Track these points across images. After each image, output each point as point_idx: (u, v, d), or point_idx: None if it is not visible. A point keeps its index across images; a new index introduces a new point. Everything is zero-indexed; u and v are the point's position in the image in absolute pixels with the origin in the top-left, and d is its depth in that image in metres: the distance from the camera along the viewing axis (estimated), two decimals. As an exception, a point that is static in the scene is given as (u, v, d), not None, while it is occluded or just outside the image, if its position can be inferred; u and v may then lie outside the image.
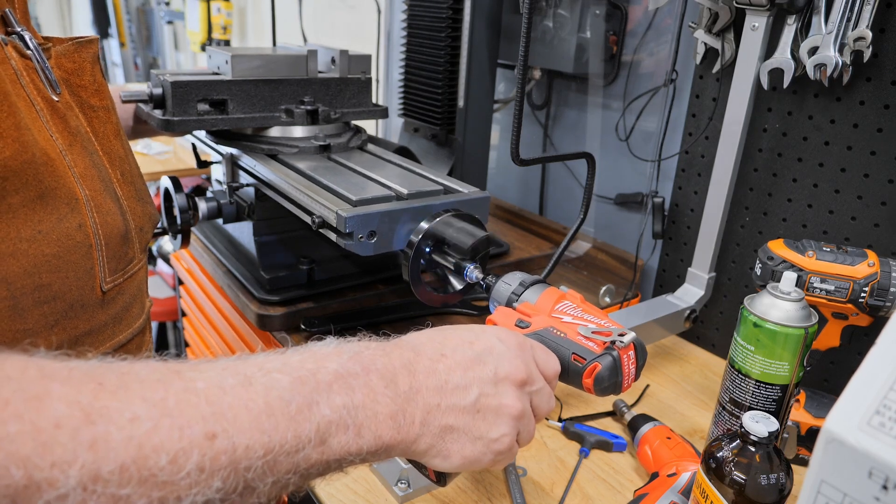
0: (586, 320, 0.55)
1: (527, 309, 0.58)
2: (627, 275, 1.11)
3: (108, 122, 0.60)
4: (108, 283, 0.55)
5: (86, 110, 0.57)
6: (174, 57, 2.86)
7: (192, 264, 1.15)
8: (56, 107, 0.53)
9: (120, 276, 0.57)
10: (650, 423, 0.76)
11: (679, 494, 0.65)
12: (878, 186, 0.82)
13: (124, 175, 0.60)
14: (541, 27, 1.11)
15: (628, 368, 0.52)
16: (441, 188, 0.81)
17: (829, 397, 0.79)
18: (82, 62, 0.58)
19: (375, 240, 0.72)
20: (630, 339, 0.53)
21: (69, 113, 0.54)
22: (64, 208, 0.50)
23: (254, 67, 0.89)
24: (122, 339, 0.58)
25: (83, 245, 0.51)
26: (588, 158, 0.89)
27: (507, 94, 1.33)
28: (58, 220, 0.49)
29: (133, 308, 0.60)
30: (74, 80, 0.57)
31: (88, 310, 0.53)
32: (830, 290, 0.72)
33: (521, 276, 0.63)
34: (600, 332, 0.53)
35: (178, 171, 2.00)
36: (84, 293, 0.52)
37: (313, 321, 0.87)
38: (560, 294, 0.58)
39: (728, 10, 0.88)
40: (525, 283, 0.62)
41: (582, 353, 0.53)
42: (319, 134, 0.94)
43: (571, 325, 0.54)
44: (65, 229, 0.50)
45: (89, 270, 0.52)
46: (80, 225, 0.51)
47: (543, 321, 0.56)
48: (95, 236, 0.53)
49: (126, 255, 0.58)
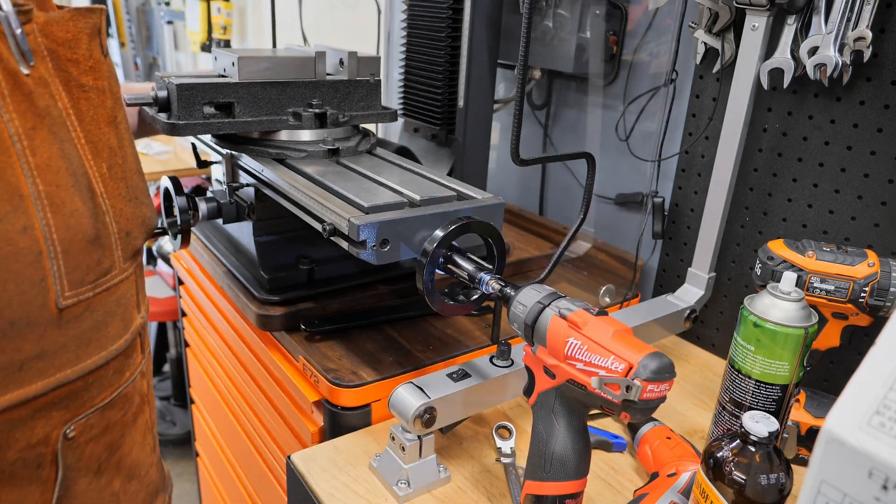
0: (594, 365, 0.52)
1: (544, 355, 0.57)
2: (627, 275, 1.11)
3: (100, 105, 0.51)
4: (69, 299, 0.47)
5: (73, 89, 0.49)
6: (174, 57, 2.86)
7: (192, 264, 1.15)
8: (21, 81, 0.45)
9: (88, 289, 0.48)
10: (650, 423, 0.76)
11: (679, 494, 0.65)
12: (878, 186, 0.82)
13: (112, 170, 0.52)
14: (541, 27, 1.11)
15: (657, 393, 0.50)
16: (454, 194, 0.79)
17: (829, 397, 0.79)
18: (78, 33, 0.49)
19: (388, 248, 0.70)
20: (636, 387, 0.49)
21: (39, 90, 0.46)
22: (5, 206, 0.42)
23: (261, 69, 0.88)
24: (90, 365, 0.50)
25: (29, 252, 0.44)
26: (588, 158, 0.89)
27: (507, 94, 1.33)
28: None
29: (110, 327, 0.51)
30: (65, 53, 0.49)
31: (37, 329, 0.45)
32: (830, 290, 0.72)
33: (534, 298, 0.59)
34: (610, 384, 0.51)
35: (178, 171, 2.00)
36: (31, 309, 0.44)
37: (313, 321, 0.87)
38: (565, 330, 0.55)
39: (728, 10, 0.88)
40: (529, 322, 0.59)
41: (609, 405, 0.52)
42: (328, 137, 0.92)
43: (586, 373, 0.53)
44: (3, 233, 0.42)
45: (39, 283, 0.44)
46: (24, 227, 0.43)
47: (563, 372, 0.55)
48: (47, 241, 0.45)
49: (99, 264, 0.49)
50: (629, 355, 0.51)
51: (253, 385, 1.01)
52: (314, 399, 0.82)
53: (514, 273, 1.11)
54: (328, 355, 0.83)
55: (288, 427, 0.91)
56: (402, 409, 0.68)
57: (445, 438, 0.79)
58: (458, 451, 0.78)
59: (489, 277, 0.66)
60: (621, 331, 0.53)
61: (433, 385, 0.70)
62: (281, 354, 0.90)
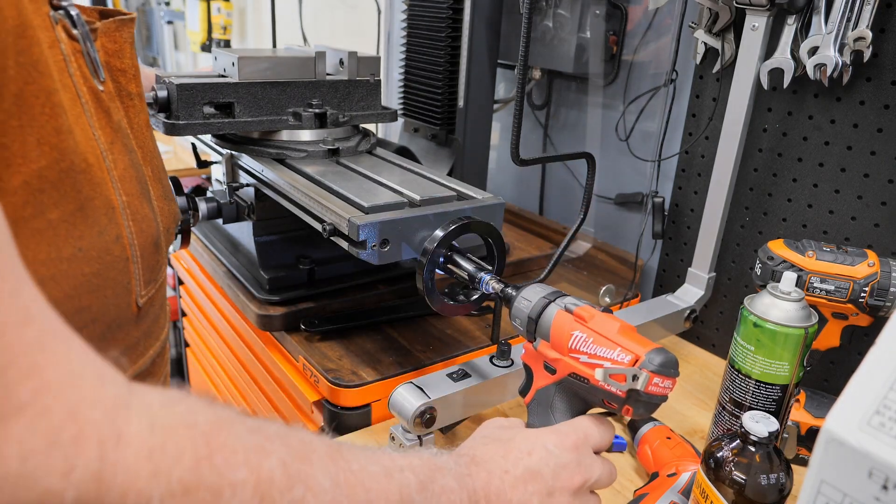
0: (600, 357, 0.52)
1: (545, 349, 0.56)
2: (627, 275, 1.11)
3: (142, 111, 0.54)
4: (143, 297, 0.50)
5: (124, 99, 0.51)
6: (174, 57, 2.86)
7: (192, 264, 1.15)
8: (100, 98, 0.47)
9: (152, 286, 0.52)
10: (650, 423, 0.76)
11: (679, 494, 0.65)
12: (878, 186, 0.82)
13: (154, 171, 0.55)
14: (541, 27, 1.11)
15: (661, 389, 0.50)
16: (454, 194, 0.79)
17: (829, 397, 0.79)
18: (123, 43, 0.51)
19: (388, 248, 0.70)
20: (643, 378, 0.49)
21: (112, 105, 0.49)
22: (103, 220, 0.45)
23: (261, 70, 0.88)
24: (152, 354, 0.54)
25: (121, 259, 0.46)
26: (588, 158, 0.89)
27: (507, 94, 1.33)
28: (98, 234, 0.44)
29: (160, 318, 0.55)
30: (115, 64, 0.50)
31: (125, 328, 0.49)
32: (830, 290, 0.72)
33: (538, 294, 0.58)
34: (615, 374, 0.50)
35: (178, 171, 2.00)
36: (121, 311, 0.48)
37: (313, 321, 0.87)
38: (570, 323, 0.54)
39: (728, 10, 0.88)
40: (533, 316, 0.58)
41: (611, 399, 0.51)
42: (328, 137, 0.92)
43: (589, 366, 0.52)
44: (104, 244, 0.45)
45: (126, 286, 0.47)
46: (117, 237, 0.46)
47: (565, 366, 0.54)
48: (132, 248, 0.48)
49: (157, 262, 0.53)
50: (635, 348, 0.50)
51: (253, 385, 1.01)
52: (314, 399, 0.82)
53: (514, 273, 1.11)
54: (328, 355, 0.83)
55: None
56: (402, 409, 0.68)
57: (445, 438, 0.79)
58: (458, 451, 0.78)
59: (489, 277, 0.66)
60: (627, 327, 0.53)
61: (433, 385, 0.70)
62: (281, 354, 0.90)
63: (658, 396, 0.50)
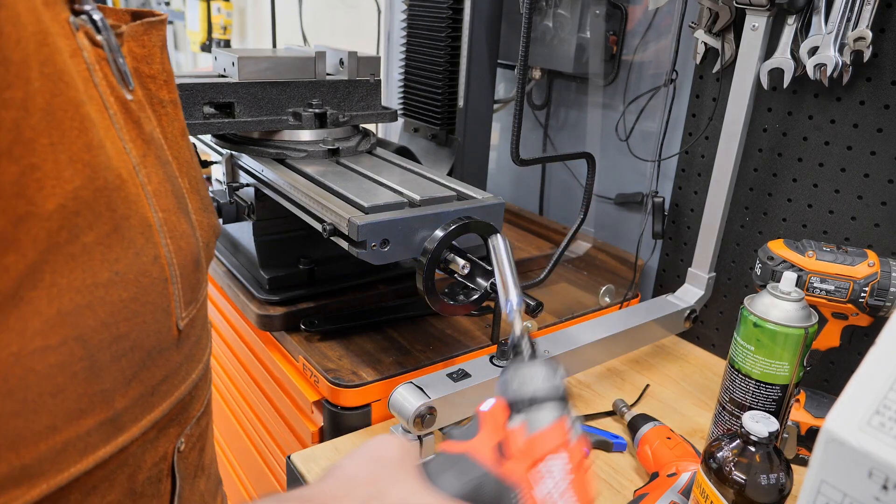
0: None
1: (517, 438, 0.42)
2: (627, 275, 1.11)
3: (176, 119, 0.50)
4: (184, 320, 0.47)
5: (156, 107, 0.48)
6: (174, 57, 2.86)
7: (192, 264, 1.15)
8: (130, 108, 0.44)
9: (193, 307, 0.48)
10: (650, 423, 0.76)
11: (679, 494, 0.65)
12: (878, 186, 0.82)
13: (192, 183, 0.51)
14: (541, 27, 1.11)
15: None
16: (454, 194, 0.79)
17: (829, 397, 0.79)
18: (152, 47, 0.47)
19: (388, 248, 0.70)
20: None
21: (143, 114, 0.45)
22: (139, 239, 0.41)
23: (261, 70, 0.88)
24: (195, 378, 0.50)
25: (159, 281, 0.43)
26: (588, 158, 0.89)
27: (507, 94, 1.33)
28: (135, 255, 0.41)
29: (202, 339, 0.52)
30: (144, 70, 0.47)
31: (165, 354, 0.45)
32: (830, 290, 0.72)
33: (554, 384, 0.43)
34: None
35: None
36: (161, 337, 0.44)
37: (313, 321, 0.87)
38: (562, 442, 0.42)
39: (728, 10, 0.88)
40: (540, 399, 0.43)
41: None
42: (328, 137, 0.93)
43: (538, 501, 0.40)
44: (141, 265, 0.41)
45: (166, 309, 0.44)
46: (155, 257, 0.42)
47: (518, 472, 0.41)
48: (171, 267, 0.44)
49: (198, 281, 0.49)
50: None
51: (253, 385, 1.01)
52: (314, 399, 0.82)
53: (514, 273, 1.10)
54: (328, 355, 0.83)
55: (288, 427, 0.91)
56: (402, 409, 0.68)
57: (445, 438, 0.79)
58: (458, 451, 0.78)
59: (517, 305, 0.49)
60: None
61: (433, 385, 0.70)
62: (281, 354, 0.90)
63: None
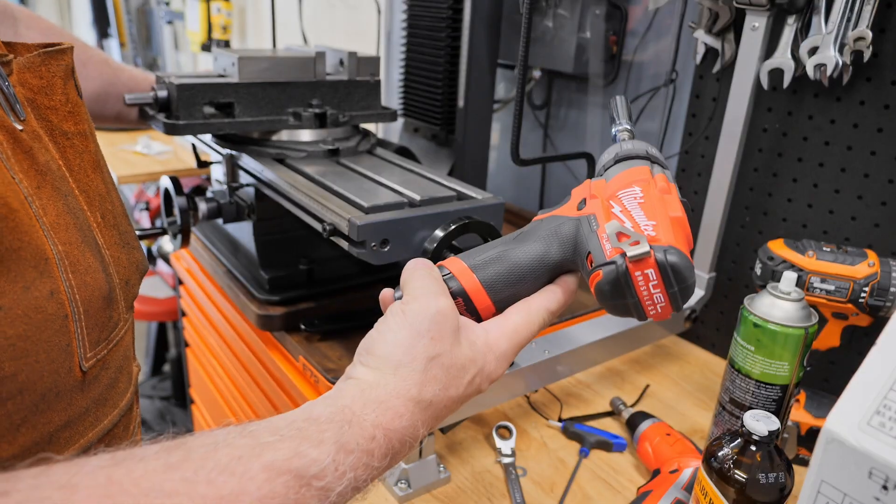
0: (632, 217, 0.45)
1: (598, 187, 0.49)
2: (627, 275, 1.10)
3: (84, 151, 0.48)
4: (90, 360, 0.44)
5: (57, 138, 0.46)
6: (174, 57, 2.86)
7: (192, 264, 1.15)
8: (20, 138, 0.42)
9: (103, 347, 0.46)
10: (649, 420, 0.77)
11: (682, 490, 0.65)
12: (878, 186, 0.82)
13: (105, 217, 0.49)
14: (541, 27, 1.11)
15: (645, 290, 0.42)
16: (454, 194, 0.79)
17: (829, 397, 0.79)
18: (52, 78, 0.46)
19: (388, 248, 0.70)
20: (641, 251, 0.41)
21: (36, 145, 0.43)
22: (31, 273, 0.39)
23: (261, 70, 0.88)
24: (107, 425, 0.47)
25: (57, 317, 0.41)
26: (588, 158, 0.89)
27: (507, 94, 1.33)
28: (23, 290, 0.39)
29: (119, 382, 0.49)
30: (42, 101, 0.46)
31: (65, 397, 0.42)
32: (830, 290, 0.72)
33: (644, 148, 0.51)
34: (625, 236, 0.43)
35: (178, 171, 2.00)
36: (59, 378, 0.41)
37: (313, 321, 0.87)
38: (639, 178, 0.48)
39: (728, 10, 0.88)
40: (619, 157, 0.51)
41: (596, 254, 0.44)
42: (328, 138, 0.93)
43: (614, 216, 0.45)
44: (32, 300, 0.39)
45: (65, 348, 0.42)
46: (52, 292, 0.40)
47: (595, 206, 0.47)
48: (72, 304, 0.42)
49: (111, 319, 0.47)
50: (668, 236, 0.43)
51: (253, 385, 1.01)
52: (314, 399, 0.82)
53: (514, 273, 1.10)
54: (328, 355, 0.83)
55: (288, 427, 0.90)
56: (402, 409, 0.68)
57: (445, 438, 0.79)
58: (458, 450, 0.78)
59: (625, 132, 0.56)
60: (684, 223, 0.46)
61: (433, 385, 0.70)
62: (281, 354, 0.90)
63: (633, 291, 0.42)
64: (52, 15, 4.31)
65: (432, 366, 0.42)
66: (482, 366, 0.44)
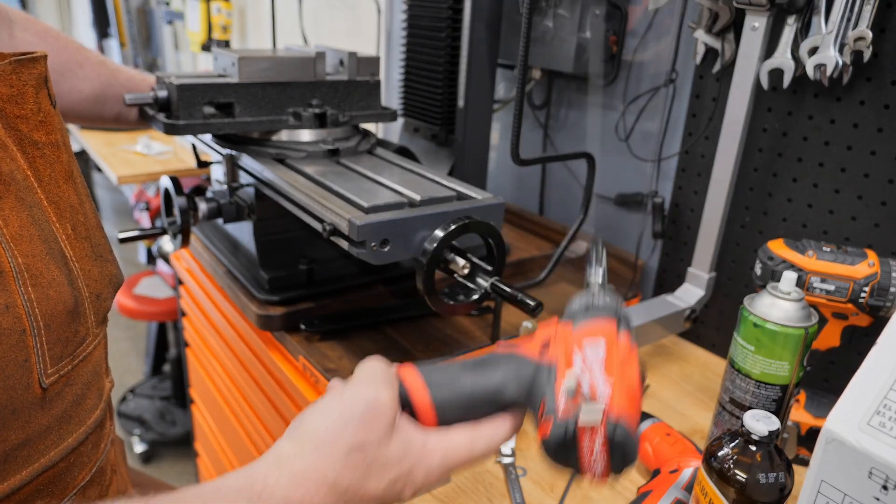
0: (591, 373, 0.44)
1: (564, 333, 0.48)
2: (627, 275, 1.11)
3: (56, 161, 0.47)
4: (51, 377, 0.43)
5: (27, 148, 0.45)
6: (174, 57, 2.86)
7: (193, 264, 1.15)
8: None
9: (67, 363, 0.44)
10: (648, 420, 0.77)
11: (682, 490, 0.65)
12: (878, 186, 0.82)
13: (77, 229, 0.48)
14: (541, 27, 1.11)
15: (588, 454, 0.42)
16: (454, 194, 0.79)
17: (829, 397, 0.79)
18: (23, 86, 0.45)
19: (388, 248, 0.70)
20: (592, 419, 0.41)
21: (1, 154, 0.43)
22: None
23: (261, 70, 0.88)
24: (71, 443, 0.46)
25: (13, 332, 0.40)
26: (588, 158, 0.89)
27: (507, 94, 1.33)
28: None
29: (87, 400, 0.48)
30: (12, 110, 0.45)
31: (22, 415, 0.41)
32: (830, 290, 0.72)
33: (603, 301, 0.50)
34: (581, 396, 0.43)
35: (178, 171, 2.00)
36: (16, 395, 0.40)
37: (313, 321, 0.87)
38: (605, 332, 0.47)
39: (728, 10, 0.88)
40: (591, 308, 0.50)
41: (548, 406, 0.44)
42: (328, 138, 0.92)
43: (572, 367, 0.45)
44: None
45: (23, 364, 0.40)
46: (7, 305, 0.39)
47: (558, 353, 0.47)
48: (30, 318, 0.41)
49: (77, 334, 0.45)
50: (620, 404, 0.43)
51: (253, 385, 1.01)
52: (314, 399, 0.82)
53: (514, 273, 1.11)
54: (328, 355, 0.83)
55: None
56: (402, 409, 0.68)
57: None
58: (458, 451, 0.78)
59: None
60: (637, 388, 0.45)
61: (433, 385, 0.70)
62: (281, 354, 0.90)
63: (576, 453, 0.43)
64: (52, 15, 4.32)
65: (355, 453, 0.41)
66: (409, 470, 0.43)
